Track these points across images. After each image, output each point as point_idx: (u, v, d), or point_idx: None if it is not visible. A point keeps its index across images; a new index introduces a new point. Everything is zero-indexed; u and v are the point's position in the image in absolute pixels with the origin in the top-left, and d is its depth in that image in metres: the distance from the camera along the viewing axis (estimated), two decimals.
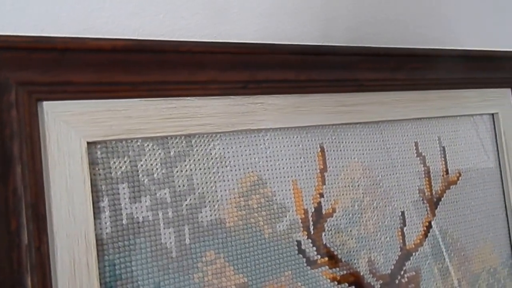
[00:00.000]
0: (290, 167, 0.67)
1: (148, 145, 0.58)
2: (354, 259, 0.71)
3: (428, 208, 0.80)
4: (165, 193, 0.58)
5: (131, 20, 0.64)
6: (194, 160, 0.61)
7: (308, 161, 0.69)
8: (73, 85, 0.52)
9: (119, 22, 0.63)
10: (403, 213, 0.77)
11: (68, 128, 0.52)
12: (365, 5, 0.82)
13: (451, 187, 0.83)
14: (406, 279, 0.76)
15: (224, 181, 0.62)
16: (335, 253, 0.70)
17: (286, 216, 0.66)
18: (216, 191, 0.62)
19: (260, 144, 0.65)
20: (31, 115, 0.50)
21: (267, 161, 0.66)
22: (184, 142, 0.60)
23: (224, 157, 0.63)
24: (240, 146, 0.64)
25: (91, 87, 0.53)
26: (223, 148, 0.63)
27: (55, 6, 0.59)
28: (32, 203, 0.49)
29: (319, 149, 0.70)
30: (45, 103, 0.51)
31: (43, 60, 0.51)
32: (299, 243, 0.67)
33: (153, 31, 0.65)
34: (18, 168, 0.48)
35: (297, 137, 0.68)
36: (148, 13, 0.65)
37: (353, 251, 0.71)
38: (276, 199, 0.66)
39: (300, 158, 0.68)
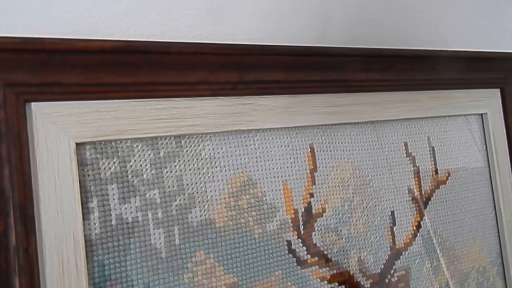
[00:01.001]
0: (280, 168, 0.68)
1: (137, 145, 0.58)
2: (344, 259, 0.72)
3: (418, 208, 0.80)
4: (155, 194, 0.58)
5: (122, 20, 0.64)
6: (184, 160, 0.61)
7: (298, 161, 0.69)
8: (62, 86, 0.52)
9: (109, 23, 0.63)
10: (392, 212, 0.77)
11: (56, 129, 0.52)
12: (357, 7, 0.82)
13: (440, 187, 0.83)
14: (396, 278, 0.76)
15: (214, 181, 0.63)
16: (325, 252, 0.70)
17: (276, 216, 0.66)
18: (206, 192, 0.62)
19: (250, 145, 0.66)
20: (19, 116, 0.50)
21: (257, 161, 0.66)
22: (173, 142, 0.60)
23: (214, 158, 0.63)
24: (230, 147, 0.64)
25: (80, 88, 0.53)
26: (213, 149, 0.63)
27: (46, 6, 0.59)
28: (20, 204, 0.49)
29: (309, 149, 0.70)
30: (33, 104, 0.51)
31: (31, 61, 0.51)
32: (289, 243, 0.67)
33: (144, 32, 0.65)
34: (6, 169, 0.48)
35: (287, 137, 0.68)
36: (139, 14, 0.65)
37: (343, 251, 0.72)
38: (266, 199, 0.66)
39: (290, 158, 0.69)
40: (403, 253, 0.78)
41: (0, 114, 0.48)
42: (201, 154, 0.62)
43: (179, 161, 0.60)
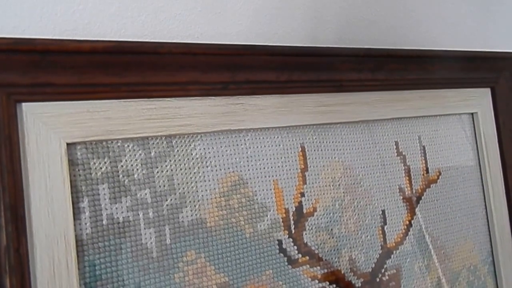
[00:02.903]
0: (271, 167, 0.68)
1: (128, 145, 0.58)
2: (335, 258, 0.72)
3: (409, 207, 0.80)
4: (146, 194, 0.59)
5: (113, 21, 0.64)
6: (175, 160, 0.61)
7: (289, 161, 0.69)
8: (53, 87, 0.52)
9: (101, 23, 0.63)
10: (383, 211, 0.78)
11: (47, 130, 0.52)
12: (349, 7, 0.83)
13: (431, 185, 0.84)
14: (387, 277, 0.77)
15: (205, 181, 0.63)
16: (316, 252, 0.70)
17: (267, 216, 0.67)
18: (197, 191, 0.62)
19: (241, 144, 0.66)
20: (10, 117, 0.50)
21: (248, 161, 0.66)
22: (164, 142, 0.60)
23: (205, 157, 0.63)
24: (221, 147, 0.64)
25: (71, 88, 0.53)
26: (204, 149, 0.63)
27: (37, 7, 0.59)
28: (11, 205, 0.49)
29: (300, 148, 0.71)
30: (24, 104, 0.51)
31: (23, 61, 0.51)
32: (280, 242, 0.67)
33: (135, 32, 0.65)
34: None
35: (277, 137, 0.69)
36: (130, 14, 0.65)
37: (334, 250, 0.72)
38: (257, 199, 0.66)
39: (281, 158, 0.69)
40: (394, 252, 0.78)
41: None
42: (192, 154, 0.62)
43: (170, 161, 0.61)
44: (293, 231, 0.68)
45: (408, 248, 0.80)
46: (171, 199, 0.60)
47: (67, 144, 0.53)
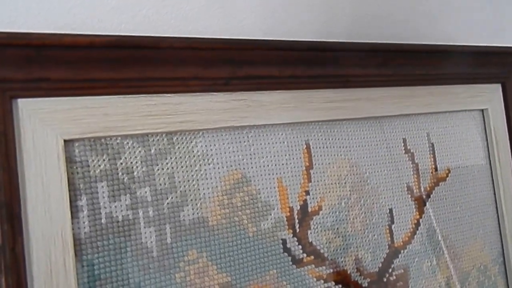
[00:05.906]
0: (275, 165, 0.67)
1: (128, 142, 0.57)
2: (341, 257, 0.71)
3: (417, 205, 0.79)
4: (146, 192, 0.57)
5: (113, 15, 0.63)
6: (176, 157, 0.60)
7: (293, 158, 0.68)
8: (49, 82, 0.51)
9: (100, 18, 0.62)
10: (391, 210, 0.76)
11: (44, 126, 0.51)
12: (357, 1, 0.81)
13: (440, 184, 0.82)
14: (394, 277, 0.75)
15: (206, 179, 0.61)
16: (321, 251, 0.69)
17: (271, 214, 0.65)
18: (199, 189, 0.61)
19: (244, 141, 0.65)
20: (5, 113, 0.49)
21: (251, 158, 0.65)
22: (165, 139, 0.59)
23: (207, 155, 0.62)
24: (223, 143, 0.63)
25: (68, 84, 0.52)
26: (206, 146, 0.62)
27: (34, 1, 0.58)
28: (7, 203, 0.48)
29: (305, 146, 0.69)
30: (20, 100, 0.50)
31: (18, 56, 0.50)
32: (284, 242, 0.66)
33: (136, 27, 0.64)
34: None
35: (282, 134, 0.67)
36: (130, 9, 0.64)
37: (340, 249, 0.71)
38: (260, 197, 0.65)
39: (285, 155, 0.67)
40: (402, 251, 0.76)
41: None
42: (193, 151, 0.61)
43: (170, 158, 0.59)
44: (297, 230, 0.67)
45: (416, 248, 0.78)
46: (172, 197, 0.59)
47: (65, 141, 0.52)
